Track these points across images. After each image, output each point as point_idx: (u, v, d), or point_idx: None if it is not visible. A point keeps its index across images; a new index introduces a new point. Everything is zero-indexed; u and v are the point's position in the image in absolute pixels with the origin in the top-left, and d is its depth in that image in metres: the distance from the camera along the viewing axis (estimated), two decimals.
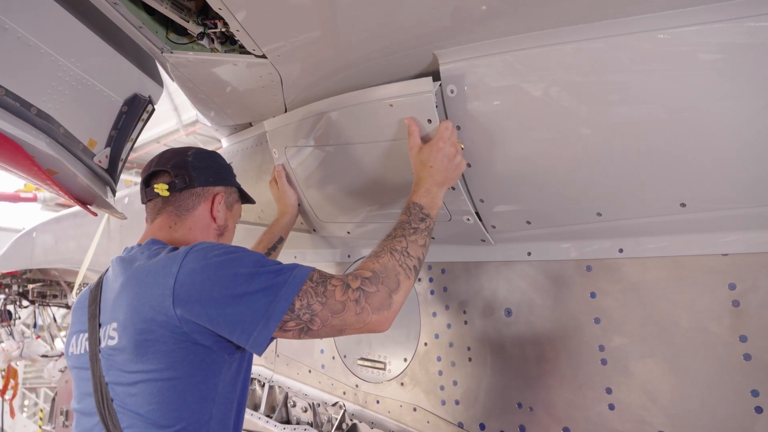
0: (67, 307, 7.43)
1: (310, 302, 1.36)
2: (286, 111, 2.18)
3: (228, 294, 1.34)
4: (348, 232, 2.31)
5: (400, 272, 1.47)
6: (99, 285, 1.60)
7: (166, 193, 1.65)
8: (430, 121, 1.64)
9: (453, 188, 1.74)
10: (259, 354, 1.38)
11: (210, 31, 1.75)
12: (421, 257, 1.55)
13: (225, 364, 1.45)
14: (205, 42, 1.80)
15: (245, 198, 1.93)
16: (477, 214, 1.82)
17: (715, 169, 1.37)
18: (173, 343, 1.35)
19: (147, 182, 1.72)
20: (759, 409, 1.40)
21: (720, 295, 1.48)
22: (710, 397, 1.48)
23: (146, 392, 1.36)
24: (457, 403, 2.03)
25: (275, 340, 2.84)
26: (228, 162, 1.88)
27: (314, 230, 2.46)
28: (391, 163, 1.84)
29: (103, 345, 1.45)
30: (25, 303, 7.23)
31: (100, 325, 1.49)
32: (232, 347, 1.44)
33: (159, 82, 2.33)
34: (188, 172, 1.68)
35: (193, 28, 1.74)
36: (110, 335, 1.43)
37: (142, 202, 1.74)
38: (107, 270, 1.64)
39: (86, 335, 1.52)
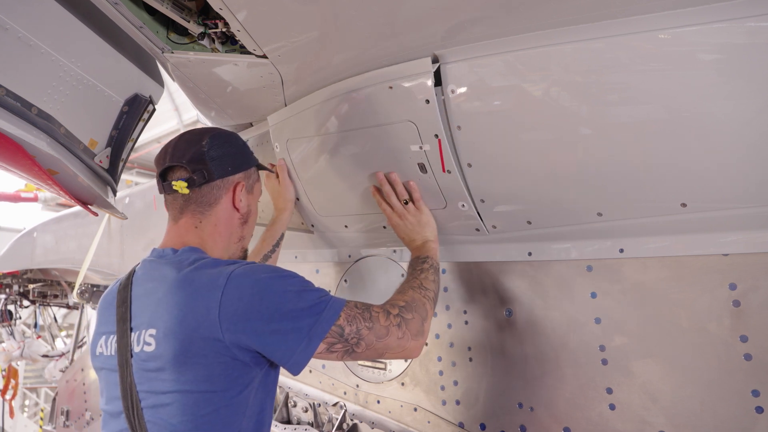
0: (68, 307, 7.43)
1: (359, 327, 1.46)
2: None
3: (276, 311, 1.37)
4: (346, 226, 2.31)
5: (425, 302, 1.67)
6: (128, 287, 1.56)
7: (186, 191, 1.61)
8: (428, 101, 1.65)
9: (449, 172, 1.75)
10: (296, 374, 1.42)
11: (211, 31, 1.75)
12: (436, 290, 1.76)
13: (257, 378, 1.45)
14: (205, 42, 1.80)
15: (262, 167, 1.88)
16: (471, 200, 1.81)
17: (716, 169, 1.37)
18: (213, 357, 1.35)
19: (163, 176, 1.65)
20: (759, 409, 1.40)
21: (720, 295, 1.47)
22: (711, 397, 1.48)
23: (180, 403, 1.35)
24: (457, 403, 2.03)
25: None
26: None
27: (312, 226, 2.46)
28: (391, 146, 1.84)
29: (136, 350, 1.42)
30: (25, 303, 7.22)
31: (131, 329, 1.46)
32: (266, 362, 1.46)
33: (160, 82, 2.33)
34: (206, 165, 1.61)
35: (194, 28, 1.74)
36: (146, 341, 1.41)
37: (160, 193, 1.70)
38: (134, 270, 1.61)
39: (116, 338, 1.49)
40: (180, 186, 1.60)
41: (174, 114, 13.69)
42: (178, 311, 1.37)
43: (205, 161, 1.61)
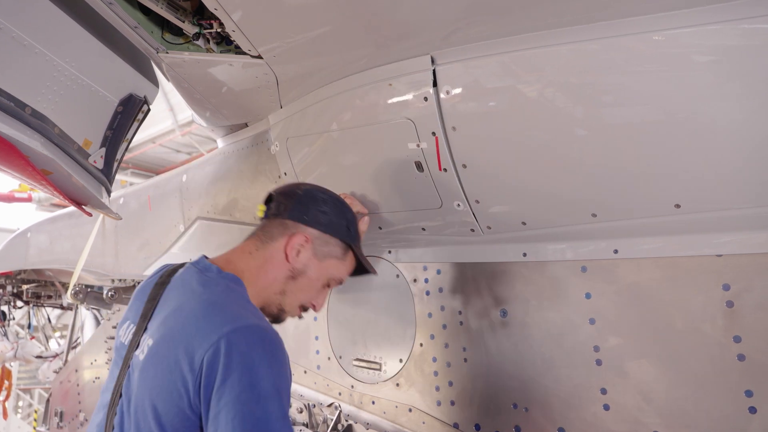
0: (62, 307, 7.40)
1: None
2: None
3: (240, 421, 1.24)
4: None
5: None
6: (165, 285, 1.53)
7: (261, 215, 1.63)
8: (426, 98, 1.65)
9: (445, 170, 1.74)
10: None
11: (205, 31, 1.75)
12: None
13: None
14: (200, 42, 1.80)
15: (360, 269, 1.76)
16: (467, 200, 1.81)
17: (710, 170, 1.37)
18: (176, 402, 1.29)
19: (268, 199, 1.69)
20: (753, 410, 1.40)
21: (714, 296, 1.48)
22: (705, 397, 1.48)
23: (142, 417, 1.33)
24: (452, 403, 2.03)
25: None
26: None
27: None
28: (389, 144, 1.85)
29: (137, 352, 1.41)
30: (19, 303, 7.20)
31: (145, 329, 1.44)
32: None
33: (154, 82, 2.33)
34: (287, 201, 1.60)
35: (189, 29, 1.74)
36: (143, 348, 1.39)
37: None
38: (177, 269, 1.57)
39: (134, 330, 1.49)
40: (260, 208, 1.63)
41: (169, 114, 13.64)
42: (169, 338, 1.34)
43: (291, 198, 1.61)
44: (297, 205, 1.60)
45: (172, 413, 1.28)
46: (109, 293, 4.17)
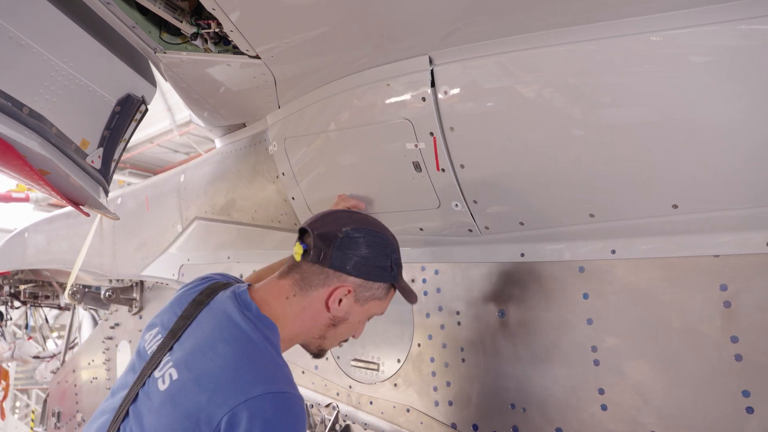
0: (60, 308, 7.38)
1: None
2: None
3: None
4: None
5: None
6: (202, 303, 1.51)
7: (298, 258, 1.54)
8: (424, 99, 1.65)
9: (443, 170, 1.74)
10: None
11: (203, 31, 1.75)
12: None
13: None
14: (198, 42, 1.79)
15: (407, 294, 1.69)
16: (465, 200, 1.81)
17: (707, 171, 1.38)
18: None
19: (301, 232, 1.60)
20: (750, 410, 1.41)
21: (711, 296, 1.48)
22: (702, 397, 1.48)
23: None
24: (450, 403, 2.03)
25: None
26: (380, 248, 1.59)
27: None
28: (387, 145, 1.85)
29: (156, 374, 1.37)
30: (16, 304, 7.17)
31: (171, 348, 1.41)
32: None
33: (152, 82, 2.33)
34: (329, 248, 1.50)
35: (187, 29, 1.74)
36: (164, 377, 1.35)
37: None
38: (218, 289, 1.55)
39: (160, 344, 1.45)
40: (297, 251, 1.54)
41: (167, 114, 13.62)
42: (195, 383, 1.31)
43: (332, 245, 1.51)
44: (338, 253, 1.51)
45: None
46: (107, 293, 4.15)
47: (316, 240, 1.52)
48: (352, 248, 1.52)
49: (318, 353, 1.66)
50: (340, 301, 1.53)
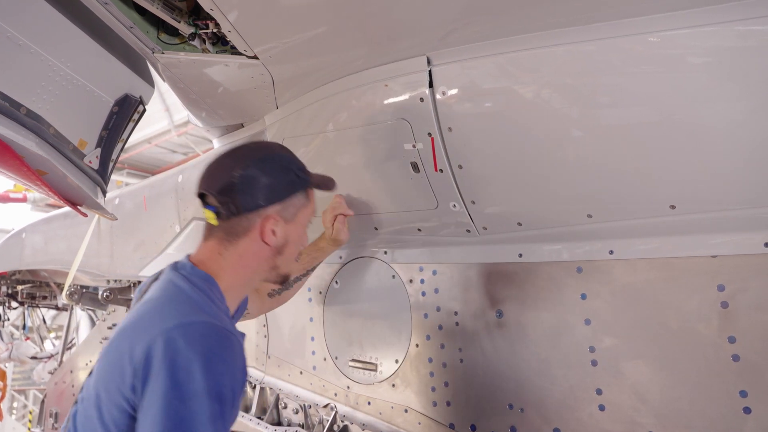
0: (57, 308, 7.37)
1: None
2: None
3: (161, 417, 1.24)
4: None
5: None
6: (156, 278, 1.57)
7: (215, 222, 1.55)
8: (422, 99, 1.65)
9: (441, 171, 1.75)
10: None
11: (201, 31, 1.75)
12: None
13: None
14: (196, 42, 1.79)
15: (324, 185, 1.73)
16: (462, 201, 1.81)
17: (705, 171, 1.38)
18: (115, 392, 1.30)
19: (201, 197, 1.59)
20: (747, 410, 1.41)
21: (709, 297, 1.48)
22: (699, 397, 1.49)
23: (87, 405, 1.35)
24: (448, 404, 2.03)
25: (266, 341, 2.84)
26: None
27: None
28: (386, 145, 1.85)
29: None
30: (14, 304, 7.17)
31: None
32: None
33: (150, 82, 2.32)
34: (234, 198, 1.51)
35: (185, 29, 1.74)
36: (109, 337, 1.42)
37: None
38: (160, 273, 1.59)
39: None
40: (209, 217, 1.55)
41: (165, 114, 13.62)
42: (122, 330, 1.36)
43: (235, 193, 1.51)
44: (243, 196, 1.51)
45: (110, 402, 1.29)
46: (105, 294, 4.16)
47: (219, 197, 1.52)
48: (252, 184, 1.52)
49: (281, 281, 1.67)
50: (273, 231, 1.55)
